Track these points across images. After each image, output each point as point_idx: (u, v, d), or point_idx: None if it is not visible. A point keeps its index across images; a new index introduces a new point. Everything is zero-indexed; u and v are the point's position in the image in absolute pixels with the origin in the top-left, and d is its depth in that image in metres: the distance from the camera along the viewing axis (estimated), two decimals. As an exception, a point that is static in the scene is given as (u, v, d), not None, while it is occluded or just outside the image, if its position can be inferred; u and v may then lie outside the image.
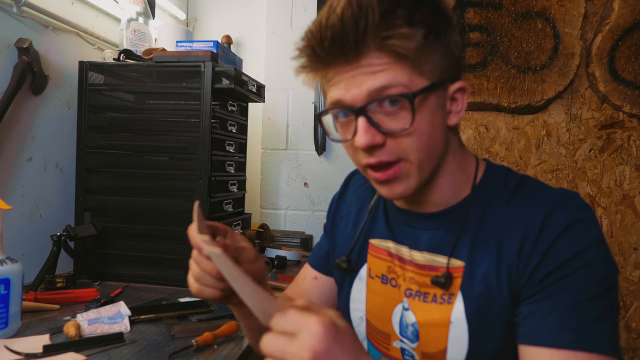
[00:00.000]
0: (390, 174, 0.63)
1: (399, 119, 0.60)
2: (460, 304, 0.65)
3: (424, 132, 0.61)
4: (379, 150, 0.62)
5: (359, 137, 0.60)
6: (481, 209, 0.68)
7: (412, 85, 0.59)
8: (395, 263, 0.74)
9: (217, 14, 2.21)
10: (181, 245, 1.38)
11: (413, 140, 0.61)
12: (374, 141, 0.60)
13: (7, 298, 0.90)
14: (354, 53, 0.59)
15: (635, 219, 1.85)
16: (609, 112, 1.86)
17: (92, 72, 1.42)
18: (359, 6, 0.57)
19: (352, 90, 0.60)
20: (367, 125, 0.60)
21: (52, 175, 1.41)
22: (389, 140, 0.61)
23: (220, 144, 1.46)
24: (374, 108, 0.61)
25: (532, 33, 1.87)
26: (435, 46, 0.61)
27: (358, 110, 0.60)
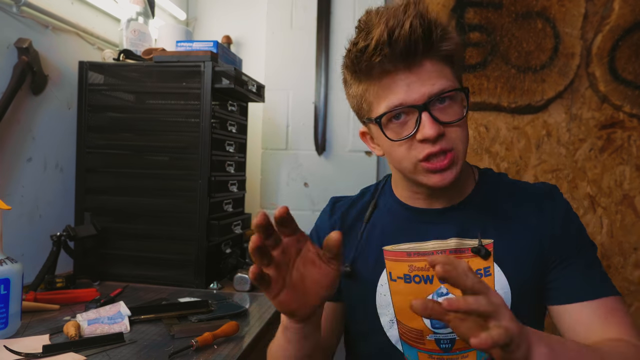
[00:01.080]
0: (446, 163, 0.72)
1: (451, 112, 0.73)
2: (499, 273, 0.77)
3: (465, 124, 0.75)
4: (440, 140, 0.72)
5: (428, 128, 0.70)
6: (490, 197, 0.82)
7: (455, 85, 0.73)
8: (416, 259, 0.81)
9: (217, 14, 2.21)
10: (181, 245, 1.38)
11: (461, 131, 0.74)
12: (440, 131, 0.71)
13: (7, 298, 0.90)
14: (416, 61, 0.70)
15: (635, 219, 1.85)
16: (609, 112, 1.86)
17: (92, 72, 1.42)
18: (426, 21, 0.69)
19: (411, 93, 0.71)
20: (431, 119, 0.71)
21: (52, 175, 1.41)
22: (446, 130, 0.73)
23: (220, 144, 1.46)
24: (433, 104, 0.72)
25: (532, 33, 1.87)
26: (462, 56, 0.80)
27: (421, 106, 0.71)
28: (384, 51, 0.69)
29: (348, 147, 2.02)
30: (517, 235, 0.78)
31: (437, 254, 0.80)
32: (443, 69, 0.73)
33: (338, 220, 0.89)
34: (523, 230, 0.79)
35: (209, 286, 1.36)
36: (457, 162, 0.74)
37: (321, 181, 2.06)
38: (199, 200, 1.37)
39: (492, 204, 0.82)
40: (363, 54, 0.71)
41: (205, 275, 1.36)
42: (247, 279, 1.35)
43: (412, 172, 0.76)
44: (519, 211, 0.80)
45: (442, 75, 0.72)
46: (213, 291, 1.34)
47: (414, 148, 0.73)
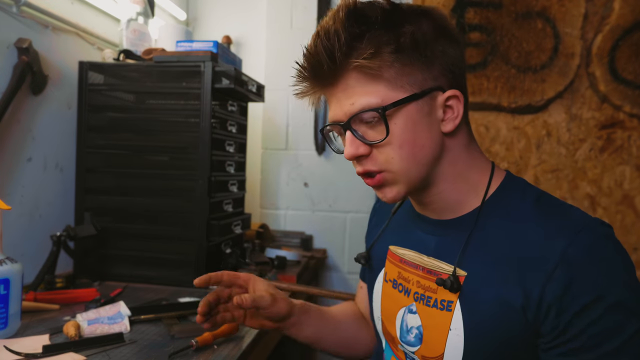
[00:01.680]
0: (374, 183, 0.69)
1: (378, 131, 0.66)
2: (458, 312, 0.66)
3: (404, 140, 0.66)
4: (365, 160, 0.68)
5: (345, 149, 0.68)
6: (492, 223, 0.67)
7: (385, 99, 0.64)
8: (405, 268, 0.77)
9: (217, 14, 2.21)
10: (181, 245, 1.38)
11: (394, 149, 0.66)
12: (358, 152, 0.67)
13: (7, 298, 0.90)
14: (332, 78, 0.67)
15: (635, 219, 1.85)
16: (609, 112, 1.86)
17: (92, 72, 1.42)
18: (327, 37, 0.64)
19: (337, 110, 0.68)
20: (351, 138, 0.67)
21: (52, 175, 1.41)
22: (374, 150, 0.67)
23: (220, 144, 1.46)
24: (358, 122, 0.67)
25: (532, 33, 1.87)
26: (412, 59, 0.65)
27: (343, 125, 0.68)
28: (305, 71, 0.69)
29: (348, 147, 2.02)
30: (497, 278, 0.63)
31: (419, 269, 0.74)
32: (368, 84, 0.65)
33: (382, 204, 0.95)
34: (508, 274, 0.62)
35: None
36: (395, 181, 0.68)
37: (321, 181, 2.06)
38: (199, 200, 1.37)
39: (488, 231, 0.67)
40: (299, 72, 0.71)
41: (205, 275, 1.36)
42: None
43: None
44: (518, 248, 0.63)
45: (366, 92, 0.65)
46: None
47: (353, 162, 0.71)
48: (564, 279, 0.57)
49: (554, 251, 0.59)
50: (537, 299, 0.59)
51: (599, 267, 0.57)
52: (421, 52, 0.65)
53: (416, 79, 0.66)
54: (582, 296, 0.56)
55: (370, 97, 0.65)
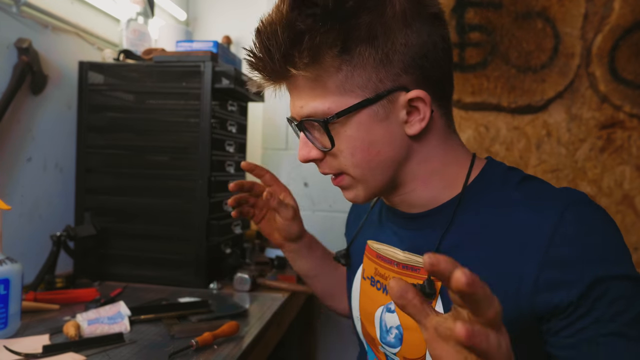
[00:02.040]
0: (337, 182, 0.66)
1: (325, 139, 0.62)
2: (439, 308, 0.61)
3: (356, 149, 0.61)
4: (320, 163, 0.66)
5: (298, 151, 0.66)
6: (472, 213, 0.63)
7: (332, 107, 0.59)
8: (381, 264, 0.73)
9: (217, 14, 2.21)
10: (181, 245, 1.38)
11: (346, 157, 0.62)
12: (310, 156, 0.65)
13: (7, 298, 0.90)
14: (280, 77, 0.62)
15: (635, 219, 1.85)
16: (609, 112, 1.86)
17: (92, 72, 1.42)
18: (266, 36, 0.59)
19: (291, 106, 0.66)
20: (304, 140, 0.64)
21: (52, 175, 1.41)
22: (327, 155, 0.64)
23: (220, 144, 1.46)
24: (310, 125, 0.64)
25: (532, 33, 1.87)
26: (363, 59, 0.57)
27: (297, 125, 0.65)
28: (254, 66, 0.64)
29: (348, 147, 2.02)
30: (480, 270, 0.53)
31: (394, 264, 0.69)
32: (315, 89, 0.60)
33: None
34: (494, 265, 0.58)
35: (209, 286, 1.36)
36: (356, 186, 0.65)
37: (321, 181, 2.06)
38: (199, 200, 1.37)
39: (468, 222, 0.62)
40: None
41: (205, 275, 1.36)
42: (247, 279, 1.35)
43: None
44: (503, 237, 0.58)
45: (313, 97, 0.60)
46: (213, 291, 1.34)
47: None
48: (559, 258, 0.54)
49: (542, 232, 0.55)
50: (532, 283, 0.54)
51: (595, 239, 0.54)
52: (378, 48, 0.57)
53: (369, 81, 0.59)
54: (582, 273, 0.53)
55: (317, 102, 0.60)
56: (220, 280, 1.41)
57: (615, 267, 0.53)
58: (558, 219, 0.55)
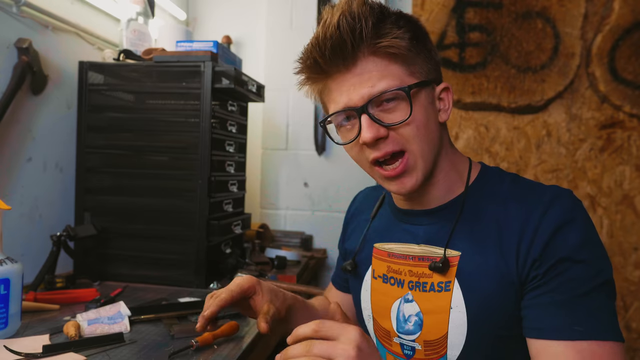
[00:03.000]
0: (400, 169, 0.69)
1: (397, 113, 0.68)
2: (458, 290, 0.70)
3: (421, 123, 0.69)
4: (384, 143, 0.68)
5: (364, 132, 0.67)
6: (477, 205, 0.73)
7: (404, 82, 0.68)
8: (394, 261, 0.79)
9: (217, 14, 2.21)
10: (181, 245, 1.38)
11: (412, 130, 0.68)
12: (379, 134, 0.67)
13: (7, 298, 0.90)
14: (352, 60, 0.67)
15: (635, 219, 1.85)
16: (609, 112, 1.86)
17: (92, 72, 1.42)
18: (353, 17, 0.65)
19: (352, 95, 0.68)
20: (370, 121, 0.67)
21: (52, 175, 1.41)
22: (391, 133, 0.68)
23: (220, 144, 1.46)
24: (374, 106, 0.68)
25: (532, 33, 1.87)
26: (419, 50, 0.70)
27: (360, 109, 0.67)
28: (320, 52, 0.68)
29: (348, 147, 2.02)
30: (488, 251, 0.69)
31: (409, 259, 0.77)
32: (387, 67, 0.67)
33: (355, 211, 0.97)
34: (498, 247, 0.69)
35: (209, 286, 1.36)
36: (416, 166, 0.70)
37: (321, 181, 2.06)
38: (199, 200, 1.37)
39: (477, 212, 0.73)
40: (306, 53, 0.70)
41: (205, 275, 1.36)
42: (247, 279, 1.35)
43: (372, 175, 0.75)
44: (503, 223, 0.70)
45: (385, 75, 0.67)
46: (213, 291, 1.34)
47: (363, 149, 0.71)
48: (542, 240, 0.65)
49: (533, 220, 0.67)
50: (523, 261, 0.66)
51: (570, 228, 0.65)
52: (425, 44, 0.71)
53: (422, 69, 0.71)
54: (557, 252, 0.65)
55: (389, 79, 0.67)
56: (220, 280, 1.41)
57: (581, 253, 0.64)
58: (545, 209, 0.67)
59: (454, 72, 1.91)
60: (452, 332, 0.71)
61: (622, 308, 1.87)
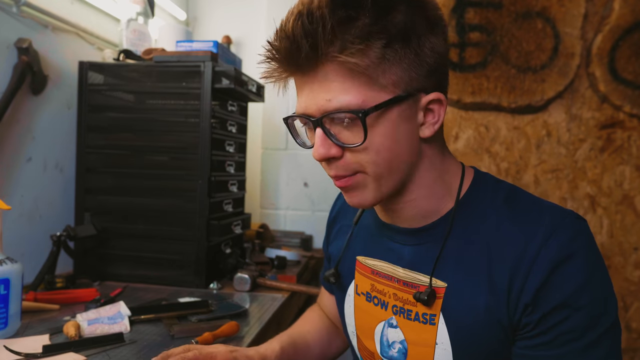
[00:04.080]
0: (345, 182, 0.63)
1: (354, 134, 0.59)
2: (443, 326, 0.63)
3: (383, 146, 0.60)
4: (336, 163, 0.62)
5: (315, 149, 0.61)
6: (467, 225, 0.65)
7: (367, 100, 0.57)
8: (379, 280, 0.72)
9: (217, 14, 2.21)
10: (181, 245, 1.38)
11: (370, 154, 0.60)
12: (329, 154, 0.60)
13: (7, 298, 0.90)
14: (308, 66, 0.58)
15: (635, 219, 1.85)
16: (609, 112, 1.86)
17: (92, 72, 1.42)
18: (310, 20, 0.55)
19: (310, 103, 0.60)
20: (323, 137, 0.60)
21: (52, 175, 1.41)
22: (346, 152, 0.61)
23: (220, 144, 1.46)
24: (331, 121, 0.60)
25: (532, 33, 1.87)
26: (401, 56, 0.58)
27: (315, 121, 0.60)
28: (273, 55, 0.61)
29: (348, 147, 2.02)
30: (477, 285, 0.61)
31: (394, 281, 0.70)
32: (349, 80, 0.57)
33: (340, 211, 0.89)
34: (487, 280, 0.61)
35: (209, 286, 1.36)
36: (366, 185, 0.62)
37: (321, 181, 2.06)
38: (199, 200, 1.37)
39: (464, 234, 0.64)
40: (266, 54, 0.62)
41: (205, 275, 1.36)
42: (247, 279, 1.35)
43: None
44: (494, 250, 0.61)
45: (346, 89, 0.57)
46: (213, 291, 1.34)
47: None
48: (536, 282, 0.57)
49: (529, 253, 0.58)
50: (515, 303, 0.59)
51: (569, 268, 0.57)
52: (412, 49, 0.58)
53: (402, 79, 0.59)
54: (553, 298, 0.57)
55: (349, 95, 0.57)
56: (220, 280, 1.41)
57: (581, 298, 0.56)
58: (542, 241, 0.58)
59: (454, 72, 1.90)
60: None
61: (622, 308, 1.87)
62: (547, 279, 0.57)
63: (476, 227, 0.64)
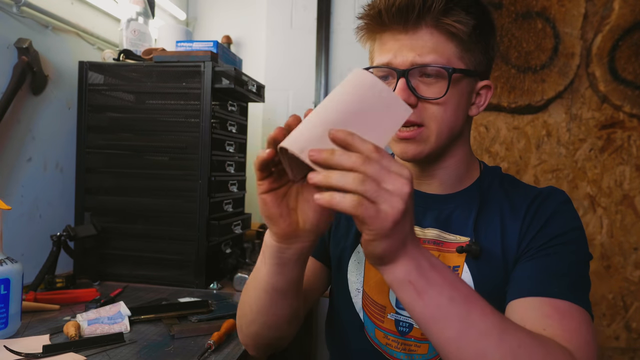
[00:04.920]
0: (409, 135, 0.71)
1: (433, 89, 0.70)
2: (467, 275, 0.73)
3: (451, 106, 0.71)
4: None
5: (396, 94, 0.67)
6: (483, 197, 0.78)
7: (451, 63, 0.69)
8: None
9: (217, 14, 2.21)
10: (181, 245, 1.38)
11: (439, 110, 0.70)
12: (409, 100, 0.68)
13: (7, 298, 0.90)
14: (413, 25, 0.68)
15: (635, 219, 1.85)
16: (609, 112, 1.86)
17: (92, 72, 1.42)
18: None
19: (400, 57, 0.69)
20: (405, 86, 0.69)
21: (52, 175, 1.41)
22: (420, 104, 0.70)
23: (220, 144, 1.46)
24: (415, 74, 0.70)
25: (532, 33, 1.88)
26: (477, 40, 0.71)
27: (400, 72, 0.69)
28: (386, 6, 0.68)
29: (348, 147, 2.02)
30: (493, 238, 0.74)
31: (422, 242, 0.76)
32: (441, 44, 0.69)
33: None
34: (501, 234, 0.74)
35: (209, 286, 1.36)
36: (427, 140, 0.71)
37: (321, 181, 2.05)
38: (199, 200, 1.37)
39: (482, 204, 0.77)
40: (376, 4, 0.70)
41: (205, 275, 1.36)
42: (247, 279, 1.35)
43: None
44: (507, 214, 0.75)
45: (436, 49, 0.69)
46: (213, 291, 1.34)
47: None
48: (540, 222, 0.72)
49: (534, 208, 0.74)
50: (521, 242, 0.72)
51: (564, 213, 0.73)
52: (487, 38, 0.73)
53: (474, 59, 0.72)
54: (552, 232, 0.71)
55: (438, 55, 0.68)
56: (220, 280, 1.41)
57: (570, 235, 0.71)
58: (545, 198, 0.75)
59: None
60: None
61: (622, 308, 1.87)
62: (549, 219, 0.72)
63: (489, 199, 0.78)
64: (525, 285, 0.67)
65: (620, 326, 1.87)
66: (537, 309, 0.64)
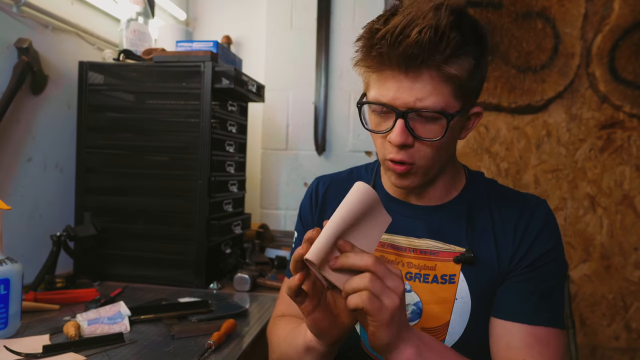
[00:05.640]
0: (401, 170, 0.74)
1: (429, 129, 0.71)
2: (463, 283, 0.77)
3: (444, 146, 0.73)
4: (405, 151, 0.72)
5: (395, 135, 0.70)
6: (470, 206, 0.82)
7: (450, 105, 0.70)
8: (388, 251, 0.82)
9: (217, 14, 2.21)
10: (181, 245, 1.38)
11: (433, 150, 0.72)
12: (407, 142, 0.71)
13: (7, 298, 0.90)
14: (414, 69, 0.68)
15: (635, 219, 1.85)
16: (609, 112, 1.86)
17: (92, 72, 1.42)
18: (437, 34, 0.65)
19: (398, 97, 0.69)
20: (404, 127, 0.70)
21: (52, 175, 1.41)
22: (416, 143, 0.72)
23: (220, 144, 1.46)
24: (414, 116, 0.71)
25: (532, 33, 1.88)
26: (475, 77, 0.71)
27: (400, 113, 0.70)
28: (387, 45, 0.67)
29: (348, 147, 2.02)
30: (486, 247, 0.78)
31: (409, 251, 0.80)
32: (441, 87, 0.69)
33: (320, 199, 0.93)
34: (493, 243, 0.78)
35: (209, 286, 1.36)
36: (416, 175, 0.75)
37: (321, 181, 2.05)
38: (199, 200, 1.37)
39: (471, 213, 0.81)
40: (372, 37, 0.69)
41: (205, 275, 1.37)
42: (247, 279, 1.35)
43: (382, 164, 0.78)
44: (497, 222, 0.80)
45: (436, 93, 0.68)
46: (213, 291, 1.34)
47: (386, 145, 0.74)
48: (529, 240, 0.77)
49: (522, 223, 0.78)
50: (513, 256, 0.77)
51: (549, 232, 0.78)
52: (483, 69, 0.73)
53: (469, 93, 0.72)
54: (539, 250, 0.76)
55: (437, 98, 0.68)
56: (220, 280, 1.41)
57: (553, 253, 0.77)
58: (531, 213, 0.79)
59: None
60: (454, 319, 0.77)
61: (622, 308, 1.87)
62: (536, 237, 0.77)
63: (477, 207, 0.81)
64: (511, 308, 0.75)
65: (620, 326, 1.87)
66: (522, 339, 0.73)
